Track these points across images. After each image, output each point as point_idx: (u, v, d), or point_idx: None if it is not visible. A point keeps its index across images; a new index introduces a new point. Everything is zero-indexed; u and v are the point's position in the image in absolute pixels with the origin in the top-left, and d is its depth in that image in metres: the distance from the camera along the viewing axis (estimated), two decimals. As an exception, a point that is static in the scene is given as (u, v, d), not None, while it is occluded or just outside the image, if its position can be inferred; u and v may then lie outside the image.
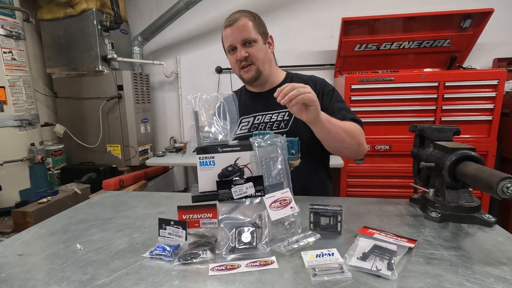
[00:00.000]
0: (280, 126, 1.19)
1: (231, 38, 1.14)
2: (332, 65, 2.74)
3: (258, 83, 1.23)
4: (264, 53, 1.19)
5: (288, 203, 0.75)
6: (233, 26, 1.14)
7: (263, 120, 1.22)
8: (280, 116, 1.21)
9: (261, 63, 1.18)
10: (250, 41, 1.14)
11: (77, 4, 2.49)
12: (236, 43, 1.14)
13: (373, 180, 2.23)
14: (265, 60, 1.19)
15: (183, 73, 3.12)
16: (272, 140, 0.83)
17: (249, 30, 1.14)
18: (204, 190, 0.79)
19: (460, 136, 0.97)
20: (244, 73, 1.19)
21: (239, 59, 1.15)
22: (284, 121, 1.20)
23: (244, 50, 1.14)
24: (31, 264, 0.68)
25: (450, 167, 0.83)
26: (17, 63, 2.02)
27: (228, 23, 1.15)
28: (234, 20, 1.14)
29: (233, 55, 1.17)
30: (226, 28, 1.16)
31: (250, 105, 1.27)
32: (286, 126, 1.19)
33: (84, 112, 2.68)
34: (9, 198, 1.99)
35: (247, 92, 1.33)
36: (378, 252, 0.65)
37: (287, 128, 1.19)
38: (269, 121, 1.21)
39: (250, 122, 1.24)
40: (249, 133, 1.20)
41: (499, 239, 0.74)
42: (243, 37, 1.13)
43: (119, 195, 1.20)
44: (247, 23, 1.14)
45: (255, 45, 1.15)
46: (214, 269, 0.63)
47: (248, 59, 1.15)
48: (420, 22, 2.32)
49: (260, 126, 1.22)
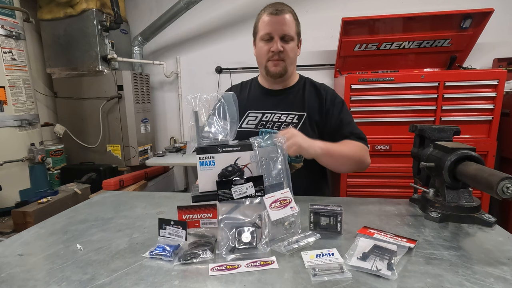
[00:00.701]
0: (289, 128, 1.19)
1: (272, 27, 1.12)
2: (332, 65, 2.74)
3: (278, 80, 1.23)
4: (294, 53, 1.19)
5: (288, 203, 0.75)
6: (279, 16, 1.12)
7: (272, 119, 1.21)
8: (289, 118, 1.20)
9: (290, 62, 1.18)
10: (288, 38, 1.14)
11: (77, 4, 2.49)
12: (275, 34, 1.13)
13: (373, 180, 2.23)
14: (293, 61, 1.21)
15: (183, 73, 3.12)
16: (272, 140, 0.83)
17: (292, 27, 1.14)
18: (204, 190, 0.79)
19: (460, 136, 0.97)
20: (272, 66, 1.17)
21: (274, 51, 1.13)
22: (293, 124, 1.19)
23: (281, 44, 1.13)
24: (31, 264, 0.68)
25: (450, 167, 0.83)
26: (17, 63, 2.02)
27: (273, 11, 1.12)
28: (281, 11, 1.12)
29: (266, 43, 1.15)
30: (269, 15, 1.13)
31: (260, 100, 1.26)
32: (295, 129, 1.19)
33: (84, 112, 2.68)
34: (9, 198, 1.99)
35: (259, 86, 1.31)
36: (378, 252, 0.65)
37: None
38: (278, 120, 1.20)
39: (258, 118, 1.23)
40: (256, 129, 1.20)
41: (499, 239, 0.74)
42: (284, 32, 1.12)
43: (119, 195, 1.20)
44: (291, 19, 1.14)
45: (291, 43, 1.15)
46: (214, 269, 0.63)
47: (281, 54, 1.14)
48: (420, 22, 2.32)
49: (268, 124, 1.21)
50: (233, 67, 2.92)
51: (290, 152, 0.92)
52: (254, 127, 1.22)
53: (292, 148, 0.92)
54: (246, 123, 1.24)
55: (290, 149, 0.92)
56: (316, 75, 2.81)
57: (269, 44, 1.15)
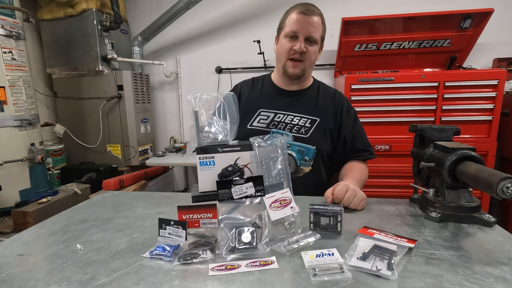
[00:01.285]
0: (301, 131, 1.18)
1: (300, 26, 1.11)
2: (332, 65, 2.74)
3: (294, 82, 1.22)
4: (315, 57, 1.19)
5: (288, 203, 0.75)
6: (309, 17, 1.10)
7: (284, 120, 1.20)
8: (302, 121, 1.20)
9: (309, 65, 1.18)
10: (313, 41, 1.13)
11: (77, 4, 2.49)
12: (301, 34, 1.11)
13: (373, 180, 2.23)
14: (312, 64, 1.20)
15: (183, 73, 3.12)
16: (272, 140, 0.83)
17: (318, 30, 1.13)
18: (204, 190, 0.79)
19: (460, 136, 0.97)
20: (291, 66, 1.16)
21: (297, 50, 1.12)
22: (305, 128, 1.19)
23: (304, 45, 1.12)
24: (31, 264, 0.68)
25: (450, 167, 0.83)
26: (17, 63, 2.02)
27: (304, 10, 1.11)
28: (312, 12, 1.11)
29: (290, 41, 1.14)
30: (299, 14, 1.12)
31: (273, 100, 1.25)
32: (306, 133, 1.18)
33: (84, 112, 2.69)
34: (9, 198, 1.99)
35: (272, 84, 1.29)
36: (378, 252, 0.65)
37: (307, 135, 1.18)
38: (290, 122, 1.19)
39: (270, 118, 1.21)
40: (268, 129, 1.19)
41: (499, 239, 0.74)
42: (310, 33, 1.11)
43: (119, 195, 1.20)
44: (320, 22, 1.13)
45: (314, 46, 1.14)
46: (214, 269, 0.63)
47: (303, 55, 1.13)
48: (420, 22, 2.32)
49: (280, 125, 1.20)
50: (233, 67, 2.92)
51: (360, 207, 0.94)
52: (265, 126, 1.20)
53: (362, 203, 0.94)
54: (258, 122, 1.22)
55: (360, 204, 0.93)
56: (316, 75, 2.78)
57: (292, 42, 1.13)
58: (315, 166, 1.19)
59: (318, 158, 1.19)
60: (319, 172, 1.21)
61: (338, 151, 1.24)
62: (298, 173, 1.17)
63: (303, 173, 1.17)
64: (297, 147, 1.16)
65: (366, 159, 1.27)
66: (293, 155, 1.16)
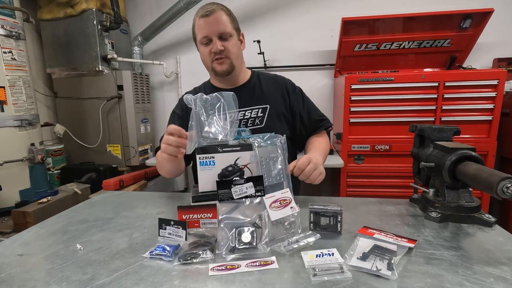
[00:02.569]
0: (255, 122, 1.20)
1: (207, 29, 1.12)
2: (332, 65, 2.74)
3: (228, 78, 1.23)
4: (237, 48, 1.19)
5: (288, 203, 0.75)
6: (210, 17, 1.11)
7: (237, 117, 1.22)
8: (254, 113, 1.21)
9: (235, 58, 1.18)
10: (226, 35, 1.13)
11: (77, 4, 2.49)
12: (212, 35, 1.12)
13: (373, 180, 2.23)
14: (238, 56, 1.20)
15: (183, 73, 3.12)
16: (272, 140, 0.83)
17: (226, 24, 1.13)
18: (204, 190, 0.79)
19: (460, 136, 0.97)
20: (217, 65, 1.17)
21: (215, 52, 1.13)
22: (258, 118, 1.21)
23: (220, 43, 1.12)
24: (31, 264, 0.68)
25: (450, 167, 0.83)
26: (17, 63, 2.02)
27: (204, 13, 1.12)
28: (212, 11, 1.11)
29: (207, 46, 1.15)
30: (201, 18, 1.12)
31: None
32: (261, 122, 1.20)
33: (84, 112, 2.68)
34: (9, 198, 1.99)
35: (213, 87, 1.30)
36: (378, 252, 0.65)
37: (262, 124, 1.20)
38: (243, 118, 1.21)
39: None
40: None
41: (499, 239, 0.74)
42: (220, 30, 1.12)
43: (119, 195, 1.20)
44: (224, 16, 1.13)
45: (230, 39, 1.15)
46: (214, 269, 0.63)
47: (223, 52, 1.14)
48: (420, 22, 2.32)
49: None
50: (233, 67, 2.92)
51: (317, 182, 0.96)
52: None
53: (319, 178, 0.96)
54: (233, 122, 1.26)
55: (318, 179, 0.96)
56: (316, 75, 2.81)
57: (209, 46, 1.15)
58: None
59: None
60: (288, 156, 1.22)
61: (297, 131, 1.27)
62: None
63: None
64: None
65: (326, 128, 1.30)
66: None
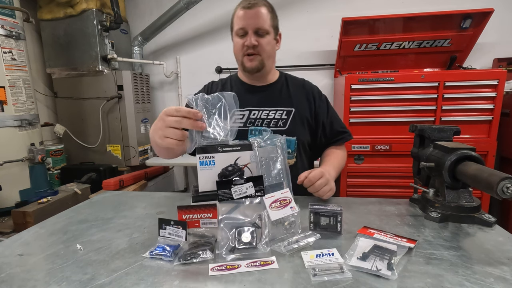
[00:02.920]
0: (278, 124, 1.18)
1: (245, 22, 1.10)
2: (332, 65, 2.74)
3: (257, 75, 1.21)
4: (272, 47, 1.17)
5: (288, 203, 0.75)
6: (252, 10, 1.09)
7: (260, 116, 1.19)
8: (278, 114, 1.19)
9: (267, 56, 1.16)
10: (263, 32, 1.11)
11: (77, 4, 2.49)
12: (249, 29, 1.10)
13: (373, 180, 2.23)
14: (270, 55, 1.18)
15: (183, 73, 3.12)
16: (272, 140, 0.83)
17: (265, 20, 1.10)
18: (204, 190, 0.79)
19: (460, 136, 0.96)
20: (247, 60, 1.15)
21: (248, 45, 1.11)
22: (282, 120, 1.19)
23: (255, 39, 1.10)
24: (31, 264, 0.68)
25: (450, 167, 0.83)
26: (17, 63, 2.02)
27: (246, 4, 1.10)
28: (254, 4, 1.09)
29: (241, 38, 1.13)
30: (242, 9, 1.11)
31: (244, 98, 1.22)
32: (284, 125, 1.18)
33: (84, 112, 2.69)
34: (9, 198, 1.99)
35: (240, 83, 1.28)
36: (378, 252, 0.65)
37: (285, 127, 1.18)
38: (266, 117, 1.19)
39: (245, 116, 1.20)
40: (245, 127, 1.18)
41: (499, 239, 0.74)
42: (258, 25, 1.09)
43: (119, 195, 1.20)
44: (265, 12, 1.11)
45: (266, 36, 1.12)
46: (214, 269, 0.63)
47: (256, 48, 1.12)
48: (420, 22, 2.32)
49: (257, 122, 1.19)
50: (233, 67, 2.92)
51: (326, 197, 0.97)
52: (242, 125, 1.19)
53: (328, 194, 0.98)
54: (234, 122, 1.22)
55: (327, 194, 0.97)
56: (316, 75, 2.81)
57: (243, 38, 1.12)
58: (300, 157, 1.20)
59: (300, 149, 1.19)
60: (302, 163, 1.21)
61: (318, 138, 1.26)
62: None
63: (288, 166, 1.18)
64: None
65: (346, 141, 1.29)
66: None
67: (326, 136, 1.26)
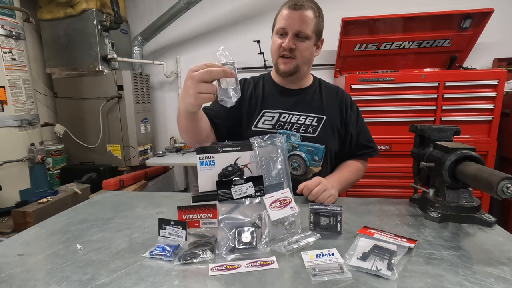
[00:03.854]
0: (308, 130, 1.15)
1: (288, 22, 1.05)
2: (332, 65, 2.74)
3: (290, 78, 1.17)
4: (310, 53, 1.13)
5: (288, 203, 0.75)
6: (297, 12, 1.05)
7: (290, 120, 1.16)
8: (308, 120, 1.16)
9: (303, 62, 1.12)
10: (303, 35, 1.07)
11: (77, 4, 2.49)
12: (290, 30, 1.06)
13: (373, 180, 2.23)
14: (307, 60, 1.14)
15: (183, 73, 3.12)
16: (272, 140, 0.83)
17: (308, 24, 1.06)
18: (204, 190, 0.79)
19: (460, 136, 0.97)
20: (282, 63, 1.12)
21: (284, 47, 1.07)
22: (312, 127, 1.15)
23: (293, 42, 1.07)
24: (31, 264, 0.68)
25: (450, 167, 0.83)
26: (17, 63, 2.02)
27: (292, 5, 1.05)
28: (300, 6, 1.05)
29: (280, 38, 1.10)
30: (287, 9, 1.07)
31: (276, 99, 1.20)
32: (314, 132, 1.15)
33: (84, 112, 2.69)
34: (9, 198, 1.99)
35: (273, 83, 1.24)
36: (378, 252, 0.65)
37: (315, 134, 1.15)
38: (296, 122, 1.16)
39: (275, 119, 1.17)
40: (274, 130, 1.16)
41: (499, 239, 0.74)
42: (299, 29, 1.06)
43: (119, 195, 1.20)
44: (310, 15, 1.06)
45: (306, 41, 1.08)
46: (214, 269, 0.63)
47: (292, 52, 1.08)
48: (420, 22, 2.32)
49: (286, 126, 1.16)
50: (233, 67, 2.92)
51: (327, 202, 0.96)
52: (271, 127, 1.16)
53: (329, 199, 0.97)
54: (262, 123, 1.17)
55: (328, 200, 0.96)
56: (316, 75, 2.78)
57: (282, 39, 1.09)
58: (326, 166, 1.17)
59: (327, 157, 1.17)
60: (326, 171, 1.19)
61: (345, 149, 1.23)
62: (308, 174, 1.14)
63: (312, 174, 1.16)
64: (306, 147, 1.14)
65: (369, 157, 1.26)
66: (302, 155, 1.13)
67: (351, 147, 1.23)
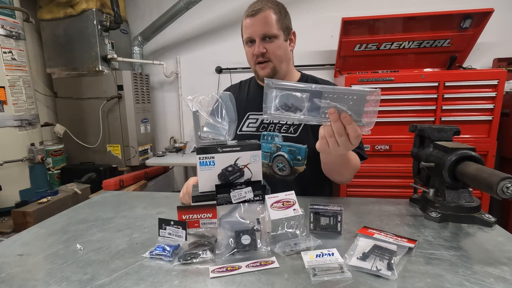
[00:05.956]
0: (289, 131, 1.16)
1: (251, 30, 1.06)
2: (332, 65, 2.74)
3: None
4: (283, 50, 1.11)
5: (291, 204, 0.75)
6: (255, 17, 1.05)
7: (272, 121, 1.17)
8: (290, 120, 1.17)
9: (279, 61, 1.11)
10: (270, 36, 1.06)
11: (77, 4, 2.49)
12: (255, 36, 1.06)
13: (373, 180, 2.23)
14: (283, 59, 1.13)
15: (183, 73, 3.12)
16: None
17: (271, 25, 1.05)
18: (204, 190, 0.79)
19: (460, 136, 0.96)
20: (259, 69, 1.12)
21: (256, 54, 1.08)
22: (293, 126, 1.16)
23: (262, 46, 1.06)
24: (31, 264, 0.68)
25: (450, 167, 0.83)
26: (17, 63, 2.02)
27: (250, 12, 1.05)
28: (257, 10, 1.05)
29: (250, 47, 1.10)
30: (247, 18, 1.07)
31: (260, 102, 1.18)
32: (295, 132, 1.15)
33: (84, 112, 2.69)
34: (9, 198, 1.99)
35: (257, 86, 1.25)
36: (378, 252, 0.65)
37: (296, 134, 1.15)
38: (278, 122, 1.16)
39: (258, 121, 1.18)
40: (258, 132, 1.17)
41: (499, 239, 0.74)
42: (263, 31, 1.05)
43: (119, 195, 1.20)
44: (271, 16, 1.06)
45: (275, 41, 1.07)
46: (214, 271, 0.63)
47: (265, 55, 1.08)
48: (420, 22, 2.32)
49: (270, 127, 1.17)
50: (233, 67, 2.92)
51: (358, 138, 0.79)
52: (255, 130, 1.18)
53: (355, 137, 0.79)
54: (247, 126, 1.19)
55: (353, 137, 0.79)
56: (316, 75, 2.78)
57: (252, 47, 1.09)
58: (310, 165, 1.16)
59: (313, 157, 1.15)
60: (315, 171, 1.17)
61: None
62: (293, 174, 1.15)
63: (297, 173, 1.16)
64: (288, 147, 1.14)
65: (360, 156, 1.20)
66: (285, 156, 1.14)
67: None
